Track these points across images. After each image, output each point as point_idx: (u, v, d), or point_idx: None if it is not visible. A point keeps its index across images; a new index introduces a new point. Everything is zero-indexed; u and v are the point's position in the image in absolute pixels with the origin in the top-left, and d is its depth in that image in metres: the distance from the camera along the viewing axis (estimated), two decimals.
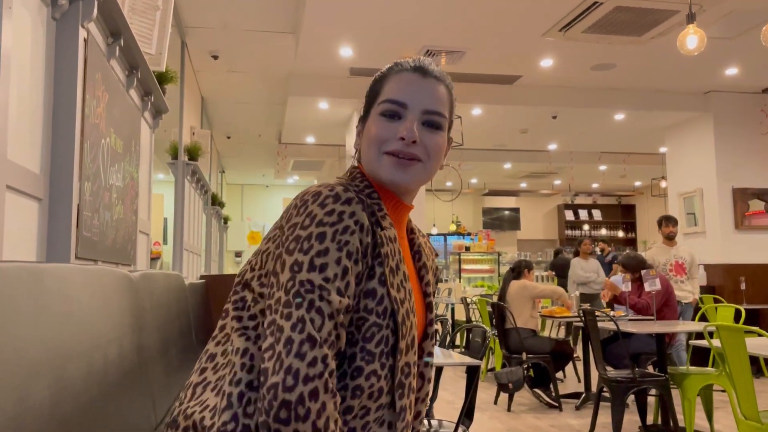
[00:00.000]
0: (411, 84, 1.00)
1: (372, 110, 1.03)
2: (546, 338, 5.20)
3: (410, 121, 0.98)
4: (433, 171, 1.02)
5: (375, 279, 0.91)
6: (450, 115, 1.05)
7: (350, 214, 0.89)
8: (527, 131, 8.69)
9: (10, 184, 1.70)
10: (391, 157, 0.98)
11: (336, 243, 0.87)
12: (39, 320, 1.18)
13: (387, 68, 1.06)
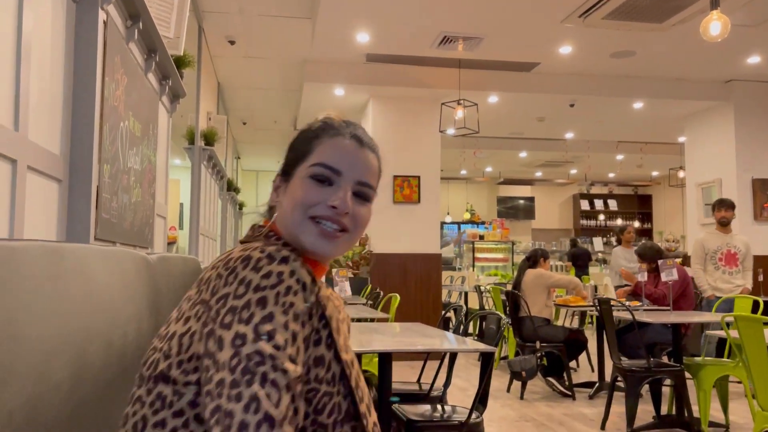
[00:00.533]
0: (348, 152, 0.96)
1: (299, 169, 0.97)
2: (560, 327, 5.19)
3: (344, 190, 0.94)
4: (355, 242, 0.98)
5: (322, 344, 0.85)
6: (376, 186, 1.03)
7: (290, 273, 0.82)
8: (544, 119, 8.61)
9: (31, 165, 1.72)
10: (317, 224, 0.93)
11: (281, 306, 0.79)
12: (60, 299, 1.19)
13: (319, 127, 1.00)
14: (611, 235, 10.87)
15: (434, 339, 2.83)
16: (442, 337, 2.96)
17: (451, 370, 3.05)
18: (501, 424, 4.04)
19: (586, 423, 4.06)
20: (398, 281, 6.75)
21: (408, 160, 6.95)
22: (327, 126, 0.99)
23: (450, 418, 2.54)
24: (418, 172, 6.95)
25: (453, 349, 2.63)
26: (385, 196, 6.89)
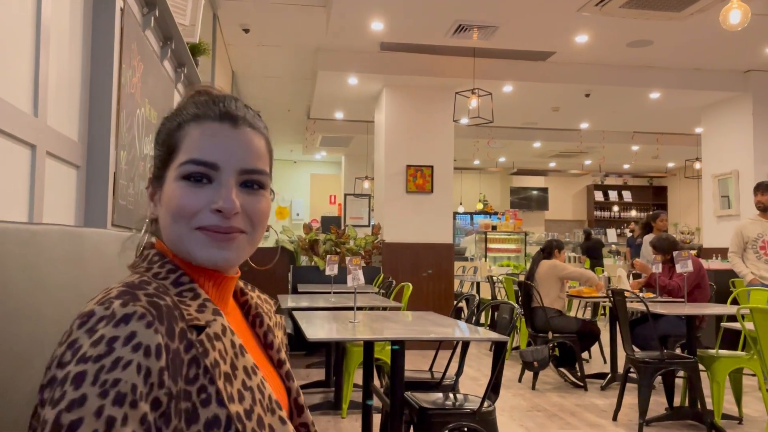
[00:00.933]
0: (220, 138, 0.79)
1: (168, 171, 0.79)
2: (573, 318, 5.18)
3: (226, 186, 0.77)
4: (258, 240, 0.82)
5: (213, 402, 0.69)
6: (270, 166, 0.85)
7: (126, 339, 0.64)
8: (559, 109, 8.55)
9: (50, 150, 1.74)
10: (206, 232, 0.77)
11: (99, 386, 0.61)
12: (79, 282, 1.21)
13: (183, 112, 0.82)
14: (626, 225, 10.80)
15: (447, 328, 2.84)
16: (455, 326, 2.97)
17: (464, 359, 3.06)
18: (512, 413, 4.05)
19: (598, 414, 4.05)
20: (410, 271, 6.76)
21: (421, 150, 6.94)
22: (191, 106, 0.82)
23: (462, 406, 2.55)
24: (431, 161, 6.93)
25: (466, 338, 2.64)
26: (398, 185, 6.89)
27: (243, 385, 0.74)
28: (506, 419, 3.86)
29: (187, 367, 0.69)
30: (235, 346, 0.76)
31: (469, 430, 2.60)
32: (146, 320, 0.66)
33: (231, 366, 0.73)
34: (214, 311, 0.76)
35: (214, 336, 0.73)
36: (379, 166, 7.28)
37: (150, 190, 0.84)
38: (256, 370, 0.77)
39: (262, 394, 0.75)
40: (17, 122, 1.53)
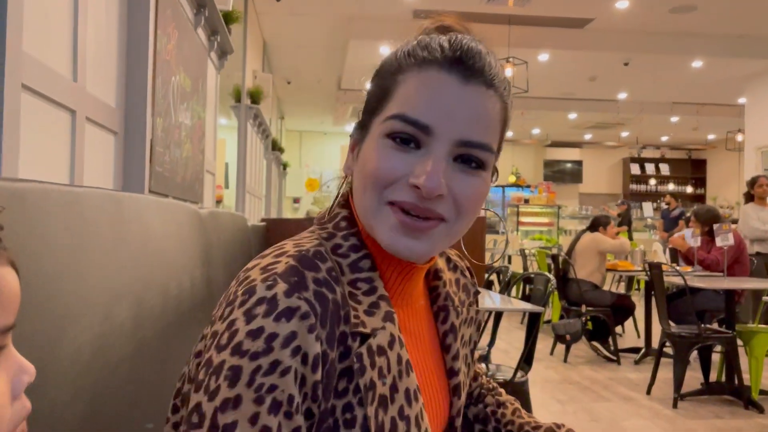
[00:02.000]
0: (442, 94, 0.61)
1: (374, 122, 0.65)
2: (607, 292, 5.11)
3: (435, 158, 0.60)
4: (462, 232, 0.65)
5: (357, 427, 0.58)
6: (500, 142, 0.67)
7: (286, 340, 0.55)
8: (596, 79, 8.33)
9: (89, 116, 1.76)
10: (398, 212, 0.61)
11: (254, 390, 0.54)
12: (119, 245, 1.22)
13: (405, 51, 0.65)
14: (662, 198, 10.54)
15: (481, 298, 2.83)
16: (488, 297, 2.95)
17: (496, 330, 3.05)
18: (544, 385, 4.04)
19: (632, 387, 4.02)
20: None
21: None
22: (417, 48, 0.64)
23: (494, 376, 2.54)
24: None
25: (499, 308, 2.62)
26: None
27: (400, 414, 0.60)
28: (538, 391, 3.85)
29: (337, 378, 0.58)
30: (402, 362, 0.62)
31: None
32: (309, 323, 0.56)
33: (390, 388, 0.60)
34: (386, 315, 0.63)
35: (377, 350, 0.60)
36: None
37: (353, 137, 0.70)
38: (419, 395, 0.63)
39: (418, 428, 0.62)
40: (58, 87, 1.55)
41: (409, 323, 0.70)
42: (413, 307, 0.72)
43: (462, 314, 0.77)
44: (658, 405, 3.63)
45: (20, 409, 0.41)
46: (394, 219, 0.61)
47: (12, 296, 0.40)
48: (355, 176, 0.66)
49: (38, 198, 1.11)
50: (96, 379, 0.96)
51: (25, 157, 1.34)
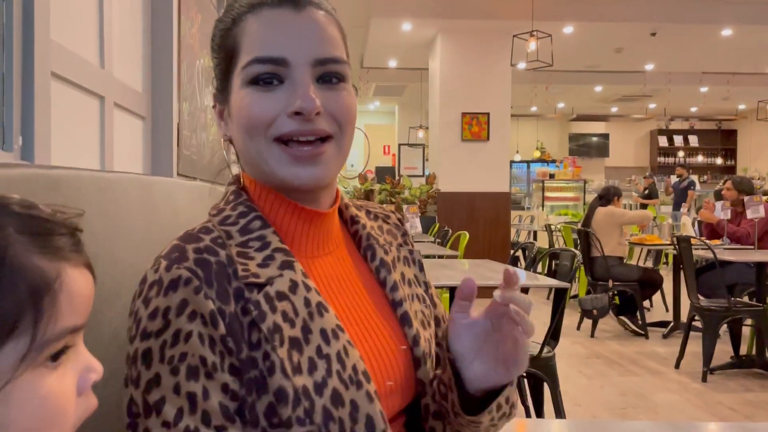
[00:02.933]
0: (284, 26, 0.65)
1: (232, 80, 0.68)
2: (634, 266, 5.07)
3: (302, 84, 0.64)
4: (348, 145, 0.69)
5: (277, 371, 0.60)
6: (347, 52, 0.70)
7: (179, 308, 0.59)
8: (622, 50, 8.15)
9: (117, 102, 1.79)
10: (287, 148, 0.65)
11: (167, 363, 0.58)
12: (150, 229, 1.25)
13: (233, 5, 0.69)
14: (692, 172, 10.32)
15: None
16: None
17: None
18: (571, 360, 4.05)
19: (660, 361, 4.00)
20: (466, 220, 6.72)
21: (477, 97, 6.79)
22: (244, 3, 0.68)
23: None
24: (487, 109, 6.78)
25: (525, 284, 2.62)
26: (454, 134, 6.79)
27: (318, 353, 0.63)
28: (565, 366, 3.85)
29: (248, 331, 0.61)
30: (311, 304, 0.65)
31: (528, 374, 2.61)
32: (193, 286, 0.60)
33: (302, 329, 0.63)
34: (283, 264, 0.65)
35: (276, 295, 0.63)
36: (434, 114, 7.18)
37: (217, 107, 0.73)
38: (339, 333, 0.65)
39: (342, 363, 0.64)
40: (86, 74, 1.58)
41: (333, 270, 0.73)
42: (334, 256, 0.74)
43: (392, 252, 0.79)
44: (687, 379, 3.61)
45: (86, 406, 0.43)
46: (285, 155, 0.65)
47: (83, 298, 0.41)
48: (235, 136, 0.69)
49: (72, 184, 1.14)
50: None
51: (57, 144, 1.38)
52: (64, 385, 0.40)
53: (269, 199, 0.70)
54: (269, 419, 0.60)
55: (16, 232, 0.38)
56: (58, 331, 0.39)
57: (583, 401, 3.25)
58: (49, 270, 0.39)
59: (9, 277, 0.37)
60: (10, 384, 0.37)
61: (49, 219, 0.41)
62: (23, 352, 0.37)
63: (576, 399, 3.27)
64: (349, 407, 0.62)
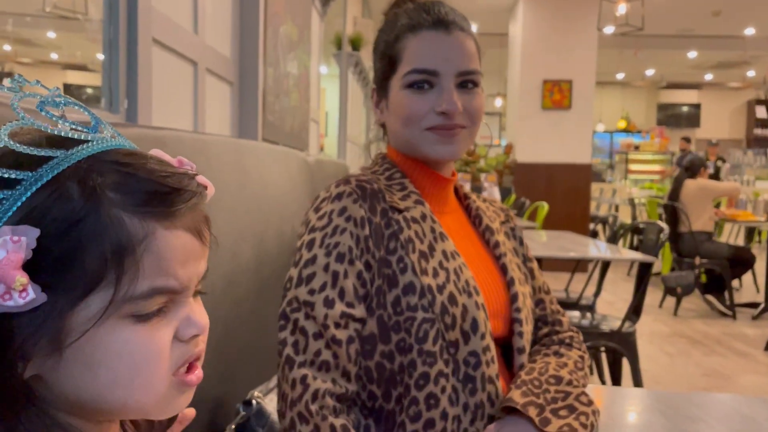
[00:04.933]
0: (437, 46, 0.87)
1: (392, 81, 0.91)
2: (724, 244, 4.81)
3: (446, 90, 0.86)
4: (476, 132, 0.93)
5: (408, 271, 0.81)
6: (480, 62, 0.93)
7: (340, 211, 0.82)
8: (720, 13, 7.61)
9: (209, 67, 1.85)
10: (434, 132, 0.88)
11: (324, 248, 0.81)
12: (243, 191, 1.30)
13: (398, 25, 0.90)
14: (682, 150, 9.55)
15: (587, 247, 2.76)
16: (593, 246, 2.87)
17: (602, 280, 2.97)
18: (652, 338, 3.92)
19: (748, 343, 3.81)
20: (544, 192, 6.56)
21: (560, 63, 6.53)
22: (407, 22, 0.90)
23: (599, 326, 2.50)
24: (570, 75, 6.53)
25: (608, 257, 2.55)
26: (534, 102, 6.60)
27: (439, 265, 0.83)
28: (645, 343, 3.74)
29: (387, 239, 0.83)
30: (435, 231, 0.87)
31: (608, 349, 2.56)
32: (353, 197, 0.83)
33: (429, 247, 0.85)
34: (416, 201, 0.89)
35: (411, 219, 0.85)
36: (513, 81, 6.99)
37: (375, 98, 0.97)
38: (456, 256, 0.86)
39: (458, 276, 0.84)
40: (182, 40, 1.64)
41: (452, 224, 0.94)
42: (453, 214, 0.97)
43: (495, 224, 1.00)
44: None
45: (183, 354, 0.44)
46: (433, 136, 0.88)
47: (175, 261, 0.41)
48: (390, 123, 0.93)
49: (175, 144, 1.19)
50: (226, 311, 1.05)
51: (156, 107, 1.45)
52: (156, 333, 0.41)
53: (409, 163, 0.93)
54: (394, 308, 0.80)
55: (112, 189, 0.39)
56: (144, 290, 0.39)
57: (664, 379, 3.16)
58: (137, 230, 0.39)
59: (96, 230, 0.38)
60: (96, 327, 0.38)
61: (151, 179, 0.41)
62: (108, 301, 0.38)
63: (657, 377, 3.17)
64: (461, 308, 0.82)
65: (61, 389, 0.40)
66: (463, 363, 0.80)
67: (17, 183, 0.38)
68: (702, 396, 0.88)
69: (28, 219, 0.37)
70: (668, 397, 0.86)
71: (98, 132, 0.43)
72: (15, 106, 0.41)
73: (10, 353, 0.38)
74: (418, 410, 0.78)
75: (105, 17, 1.28)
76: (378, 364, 0.80)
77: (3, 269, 0.35)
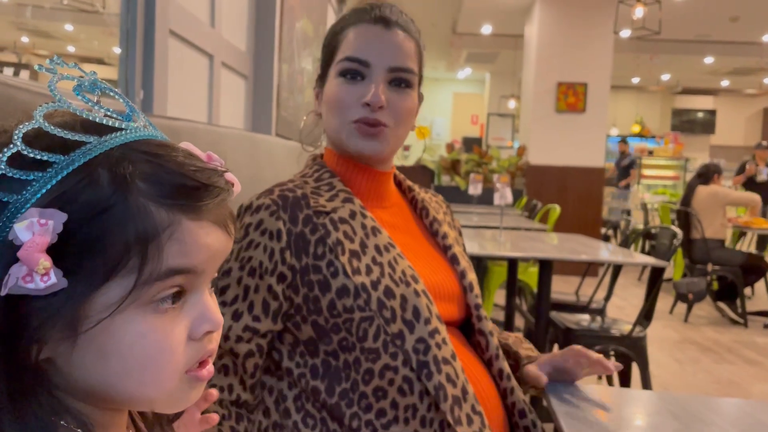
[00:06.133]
0: (373, 38, 0.89)
1: (330, 70, 0.92)
2: (737, 251, 4.76)
3: (375, 82, 0.87)
4: (403, 137, 0.93)
5: (340, 274, 0.81)
6: (420, 69, 0.94)
7: (256, 225, 0.83)
8: (738, 19, 7.54)
9: (224, 61, 1.85)
10: (357, 126, 0.88)
11: (239, 261, 0.82)
12: (254, 184, 1.30)
13: (344, 17, 0.93)
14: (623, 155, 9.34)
15: (598, 250, 2.74)
16: (604, 249, 2.85)
17: (614, 283, 2.95)
18: (662, 344, 3.89)
19: (759, 352, 3.77)
20: (556, 195, 6.52)
21: (574, 66, 6.50)
22: (351, 14, 0.92)
23: (609, 330, 2.48)
24: (585, 78, 6.49)
25: (620, 261, 2.53)
26: (548, 104, 6.57)
27: (372, 261, 0.84)
28: (655, 350, 3.71)
29: (314, 245, 0.83)
30: (366, 227, 0.87)
31: (617, 354, 2.54)
32: (270, 210, 0.83)
33: (360, 244, 0.85)
34: (345, 200, 0.88)
35: (339, 220, 0.85)
36: (528, 83, 6.96)
37: (316, 89, 0.97)
38: (390, 248, 0.87)
39: (392, 268, 0.84)
40: (199, 33, 1.64)
41: (392, 219, 0.95)
42: (392, 208, 0.97)
43: (440, 215, 1.03)
44: None
45: (197, 352, 0.43)
46: (355, 131, 0.88)
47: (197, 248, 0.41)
48: (324, 113, 0.93)
49: (189, 135, 1.19)
50: None
51: (171, 98, 1.45)
52: (169, 327, 0.41)
53: (341, 161, 0.93)
54: (330, 311, 0.81)
55: (141, 179, 0.39)
56: (162, 271, 0.39)
57: (673, 386, 3.13)
58: (162, 220, 0.39)
59: (123, 219, 0.38)
60: (111, 317, 0.38)
61: (181, 173, 0.41)
62: (128, 290, 0.38)
63: (666, 384, 3.15)
64: (399, 300, 0.82)
65: (72, 375, 0.40)
66: (413, 351, 0.81)
67: (48, 165, 0.38)
68: (715, 400, 0.87)
69: (56, 202, 0.37)
70: (680, 399, 0.85)
71: (132, 121, 0.43)
72: (52, 87, 0.41)
73: (27, 336, 0.37)
74: (368, 402, 0.81)
75: (123, 8, 1.29)
76: (323, 361, 0.82)
77: (27, 251, 0.35)
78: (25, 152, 0.38)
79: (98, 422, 0.42)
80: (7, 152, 0.38)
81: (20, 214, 0.37)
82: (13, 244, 0.36)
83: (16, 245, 0.36)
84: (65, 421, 0.40)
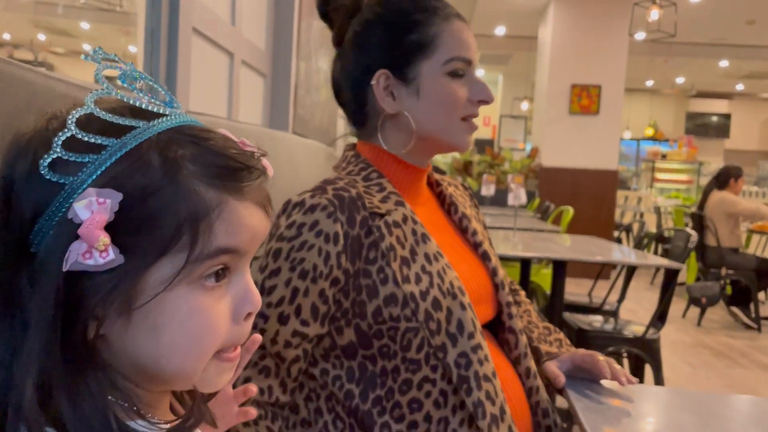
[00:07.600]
0: (468, 35, 0.89)
1: (423, 65, 0.86)
2: (751, 255, 4.73)
3: (479, 81, 0.89)
4: None
5: (390, 282, 0.79)
6: None
7: (311, 225, 0.78)
8: (755, 22, 7.48)
9: (244, 59, 1.88)
10: (467, 122, 0.90)
11: (289, 262, 0.78)
12: (272, 181, 1.31)
13: (421, 8, 0.88)
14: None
15: (612, 252, 2.73)
16: (618, 251, 2.85)
17: (627, 286, 2.94)
18: (675, 348, 3.87)
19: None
20: (569, 197, 6.50)
21: (588, 68, 6.48)
22: (430, 6, 0.88)
23: (622, 331, 2.48)
24: (599, 81, 6.47)
25: (634, 262, 2.53)
26: (561, 106, 6.55)
27: (422, 269, 0.81)
28: (668, 353, 3.69)
29: (367, 249, 0.80)
30: (417, 234, 0.84)
31: (630, 355, 2.53)
32: (328, 211, 0.78)
33: (410, 251, 0.82)
34: (397, 203, 0.85)
35: (392, 223, 0.82)
36: (541, 85, 6.94)
37: (382, 83, 0.87)
38: (439, 257, 0.84)
39: (441, 279, 0.82)
40: (220, 31, 1.67)
41: (430, 217, 0.93)
42: (425, 205, 0.95)
43: (468, 209, 1.01)
44: None
45: (239, 333, 0.45)
46: (466, 126, 0.89)
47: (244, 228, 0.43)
48: (414, 110, 0.87)
49: None
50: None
51: (193, 95, 1.47)
52: (217, 305, 0.43)
53: (383, 158, 0.90)
54: (375, 318, 0.79)
55: (190, 161, 0.41)
56: (212, 250, 0.41)
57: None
58: (211, 200, 0.41)
59: (174, 199, 0.40)
60: (164, 293, 0.40)
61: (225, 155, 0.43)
62: (179, 268, 0.40)
63: (679, 387, 3.13)
64: (445, 312, 0.80)
65: (124, 351, 0.42)
66: (455, 365, 0.79)
67: (102, 148, 0.40)
68: (733, 397, 0.88)
69: (111, 183, 0.39)
70: (698, 396, 0.85)
71: (174, 107, 0.45)
72: (99, 75, 0.43)
73: (84, 313, 0.39)
74: (402, 413, 0.79)
75: (148, 6, 1.31)
76: (360, 364, 0.81)
77: (88, 228, 0.37)
78: (79, 136, 0.40)
79: (144, 401, 0.44)
80: (62, 136, 0.40)
81: (77, 194, 0.39)
82: (72, 223, 0.37)
83: (75, 223, 0.37)
84: (115, 398, 0.41)
